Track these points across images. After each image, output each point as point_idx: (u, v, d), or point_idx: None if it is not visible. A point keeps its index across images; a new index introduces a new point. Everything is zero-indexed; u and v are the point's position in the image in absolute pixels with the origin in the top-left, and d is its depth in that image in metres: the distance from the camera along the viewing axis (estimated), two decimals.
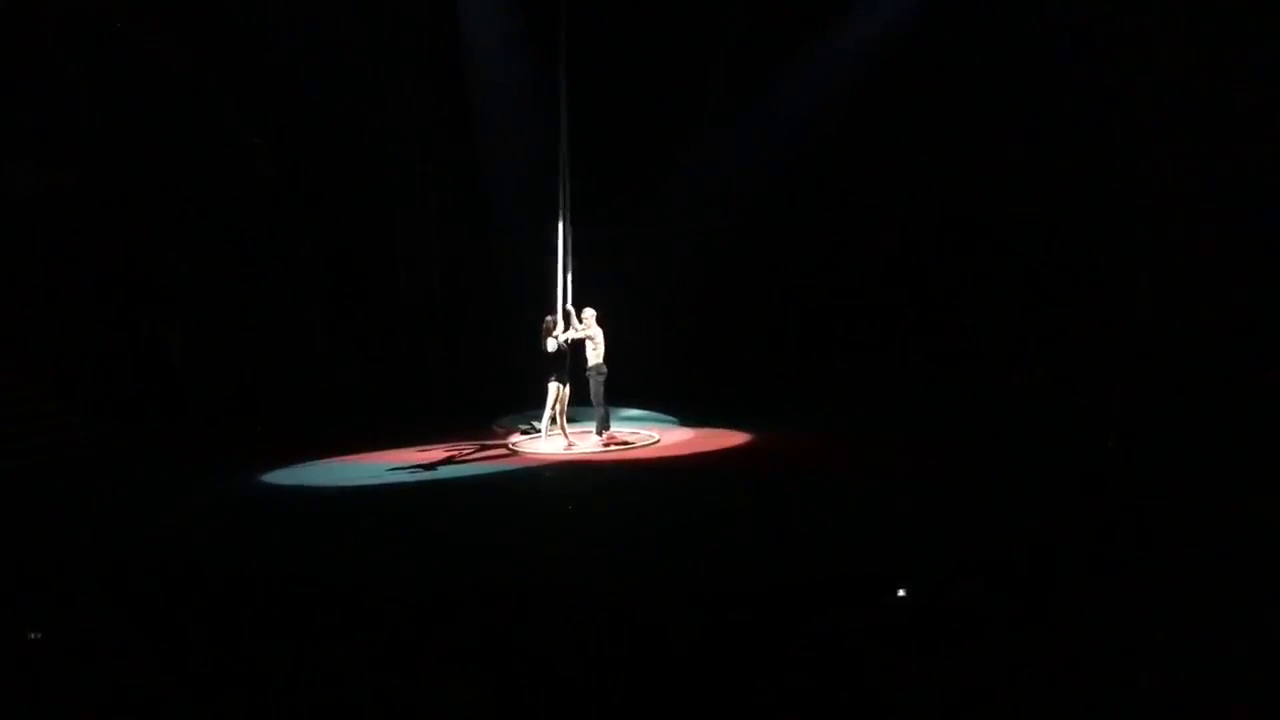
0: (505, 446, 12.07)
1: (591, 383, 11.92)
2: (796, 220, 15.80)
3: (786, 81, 15.48)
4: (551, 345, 11.49)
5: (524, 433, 12.82)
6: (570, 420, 12.03)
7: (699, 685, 4.86)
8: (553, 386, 11.53)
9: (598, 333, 11.82)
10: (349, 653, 5.34)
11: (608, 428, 12.17)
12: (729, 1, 15.71)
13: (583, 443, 11.92)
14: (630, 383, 12.85)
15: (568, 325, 11.83)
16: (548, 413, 11.63)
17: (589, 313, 11.92)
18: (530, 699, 4.79)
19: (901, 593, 5.66)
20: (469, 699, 4.79)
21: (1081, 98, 12.97)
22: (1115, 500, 8.44)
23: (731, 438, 12.27)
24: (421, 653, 5.38)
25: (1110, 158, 12.70)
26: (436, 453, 11.57)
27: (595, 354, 11.83)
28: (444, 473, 10.66)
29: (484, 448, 11.98)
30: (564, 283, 12.20)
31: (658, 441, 12.13)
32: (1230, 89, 11.23)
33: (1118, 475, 9.41)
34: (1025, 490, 9.03)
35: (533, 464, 11.15)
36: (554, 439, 11.71)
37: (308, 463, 11.25)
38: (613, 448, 11.81)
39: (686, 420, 13.37)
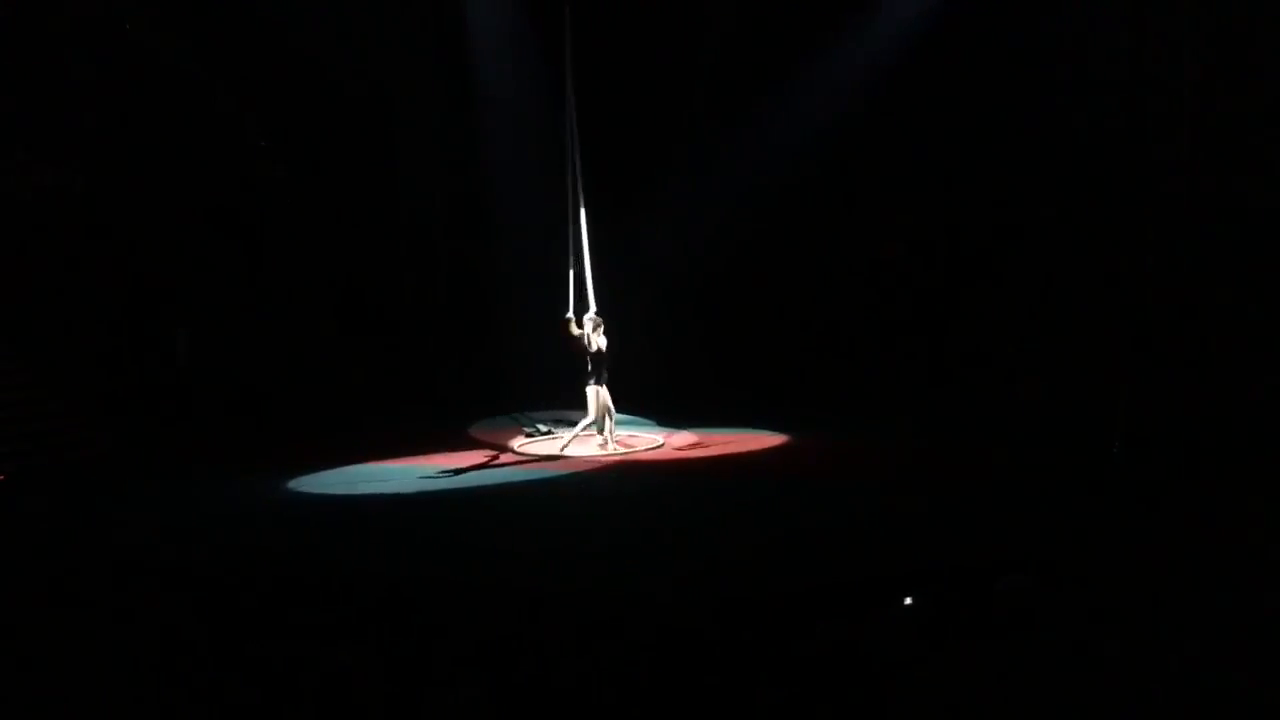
0: (548, 453, 11.88)
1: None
2: (800, 226, 15.75)
3: (794, 85, 15.42)
4: (592, 345, 11.50)
5: (528, 435, 12.78)
6: (570, 424, 12.03)
7: (701, 688, 4.87)
8: (592, 390, 11.52)
9: (602, 338, 11.83)
10: (360, 656, 5.35)
11: (611, 431, 12.16)
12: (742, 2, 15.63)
13: (583, 447, 11.84)
14: (633, 386, 12.84)
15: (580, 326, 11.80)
16: (591, 417, 11.61)
17: (595, 318, 11.91)
18: (534, 702, 4.81)
19: (908, 600, 5.67)
20: (475, 701, 4.81)
21: (1089, 105, 12.95)
22: (1120, 506, 8.45)
23: (734, 442, 12.26)
24: (431, 656, 5.40)
25: (1119, 163, 12.67)
26: (467, 457, 11.55)
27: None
28: (472, 479, 10.55)
29: (506, 453, 11.92)
30: (579, 281, 12.11)
31: (661, 445, 12.13)
32: (1241, 93, 11.19)
33: (1122, 481, 9.42)
34: (1026, 496, 9.04)
35: (574, 469, 10.99)
36: (589, 441, 11.74)
37: (334, 468, 11.06)
38: (612, 450, 11.77)
39: (687, 423, 13.35)
